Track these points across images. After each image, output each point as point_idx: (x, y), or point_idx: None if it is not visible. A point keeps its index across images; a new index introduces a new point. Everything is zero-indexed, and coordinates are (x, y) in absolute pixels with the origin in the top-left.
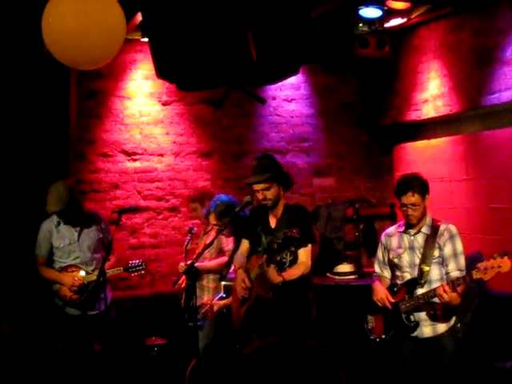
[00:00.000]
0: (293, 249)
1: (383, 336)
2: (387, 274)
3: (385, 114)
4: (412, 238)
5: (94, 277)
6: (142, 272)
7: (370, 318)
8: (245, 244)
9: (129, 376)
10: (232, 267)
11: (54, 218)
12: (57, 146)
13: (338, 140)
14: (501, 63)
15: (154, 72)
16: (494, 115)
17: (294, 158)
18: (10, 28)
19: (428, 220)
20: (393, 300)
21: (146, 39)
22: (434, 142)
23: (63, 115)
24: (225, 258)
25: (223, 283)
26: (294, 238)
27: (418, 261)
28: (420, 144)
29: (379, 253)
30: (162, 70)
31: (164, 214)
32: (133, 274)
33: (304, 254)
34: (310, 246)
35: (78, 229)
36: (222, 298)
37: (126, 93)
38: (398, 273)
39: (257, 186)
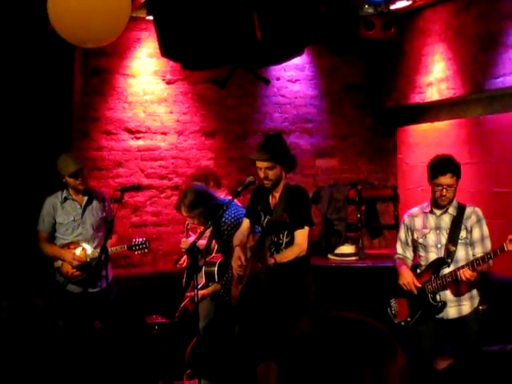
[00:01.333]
0: (282, 234)
1: (408, 319)
2: (409, 254)
3: (389, 96)
4: (438, 218)
5: (96, 254)
6: (146, 251)
7: (393, 302)
8: (245, 223)
9: (129, 354)
10: (213, 254)
11: (59, 195)
12: (60, 124)
13: (341, 121)
14: (506, 47)
15: (158, 50)
16: (498, 99)
17: (297, 139)
18: (15, 4)
19: (454, 201)
20: (419, 284)
21: (150, 17)
22: (437, 125)
23: (67, 93)
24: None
25: (204, 269)
26: (281, 223)
27: (444, 241)
28: (423, 127)
29: (401, 233)
30: (167, 49)
31: (167, 193)
32: (136, 253)
33: (300, 236)
34: (307, 228)
35: (83, 205)
36: (203, 287)
37: (130, 71)
38: (421, 253)
39: (260, 164)
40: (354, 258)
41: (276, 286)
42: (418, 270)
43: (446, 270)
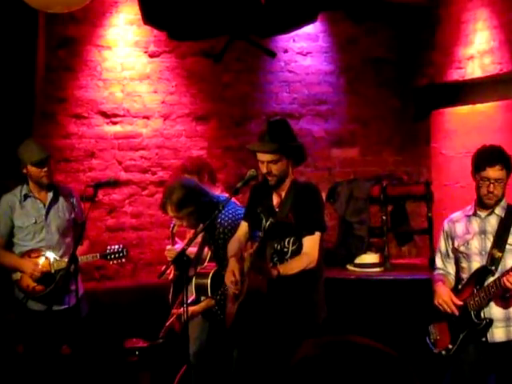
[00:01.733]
0: (287, 240)
1: (450, 346)
2: (451, 269)
3: (420, 72)
4: (483, 220)
5: (63, 264)
6: (124, 260)
7: (432, 328)
8: (243, 227)
9: None
10: (205, 263)
11: (18, 192)
12: (20, 105)
13: (362, 103)
14: None
15: (139, 16)
16: None
17: (309, 124)
18: None
19: (503, 201)
20: (460, 302)
21: None
22: (480, 107)
23: (29, 67)
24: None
25: (195, 282)
26: (285, 225)
27: (489, 247)
28: (463, 110)
29: (441, 243)
30: (150, 15)
31: (150, 190)
32: (111, 262)
33: (309, 244)
34: (318, 234)
35: (47, 205)
36: (193, 303)
37: (105, 41)
38: (463, 264)
39: (262, 156)
40: (378, 270)
41: (280, 302)
42: (460, 286)
43: (491, 280)
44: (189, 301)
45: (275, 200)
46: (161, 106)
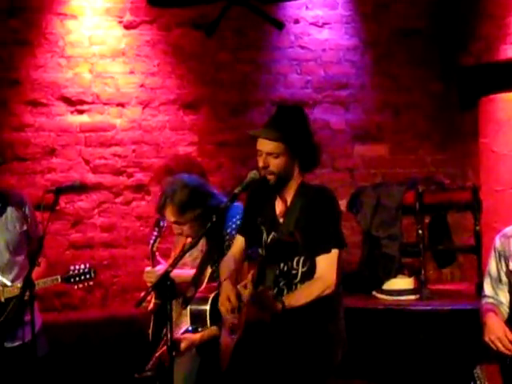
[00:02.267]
0: (296, 260)
1: None
2: (504, 297)
3: (466, 48)
4: None
5: (15, 290)
6: (91, 283)
7: (479, 371)
8: (238, 243)
9: None
10: (203, 285)
11: None
12: None
13: (393, 87)
14: None
15: None
16: None
17: (326, 114)
18: None
19: None
20: None
21: None
22: None
23: None
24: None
25: (191, 308)
26: (290, 245)
27: None
28: None
29: (492, 265)
30: None
31: (125, 196)
32: (76, 286)
33: (325, 265)
34: (335, 252)
35: None
36: (187, 332)
37: (68, 9)
38: None
39: (261, 144)
40: (412, 298)
41: (288, 338)
42: None
43: None
44: (181, 330)
45: (279, 207)
46: (139, 90)
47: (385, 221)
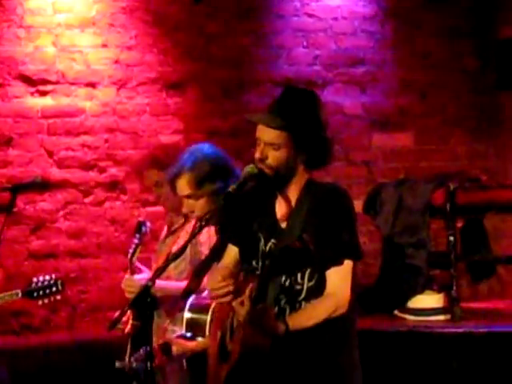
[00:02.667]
0: (301, 272)
1: None
2: None
3: (507, 19)
4: None
5: None
6: (58, 297)
7: None
8: (231, 253)
9: None
10: (205, 279)
11: None
12: None
13: (419, 64)
14: None
15: None
16: None
17: (338, 96)
18: None
19: None
20: None
21: None
22: None
23: None
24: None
25: (187, 317)
26: (296, 252)
27: None
28: None
29: None
30: None
31: (96, 196)
32: (40, 302)
33: (337, 279)
34: (349, 263)
35: None
36: (184, 338)
37: None
38: None
39: (260, 132)
40: (442, 317)
41: (291, 367)
42: None
43: None
44: (175, 335)
45: (281, 210)
46: (113, 67)
47: (409, 225)
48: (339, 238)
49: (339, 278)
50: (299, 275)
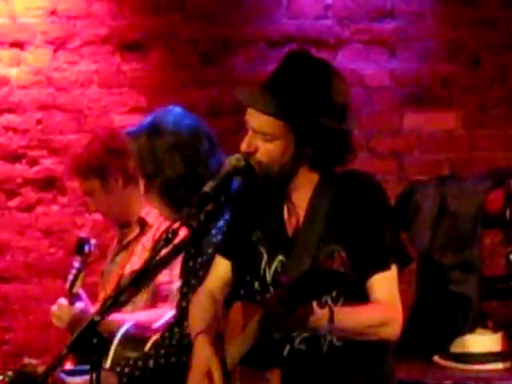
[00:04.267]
0: (328, 296)
1: None
2: None
3: None
4: None
5: None
6: None
7: None
8: (220, 270)
9: None
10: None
11: None
12: None
13: (469, 18)
14: None
15: None
16: None
17: (357, 62)
18: None
19: None
20: None
21: None
22: None
23: None
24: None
25: (115, 350)
26: (332, 274)
27: None
28: None
29: None
30: None
31: (24, 197)
32: None
33: (385, 287)
34: (395, 270)
35: None
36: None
37: None
38: None
39: (250, 115)
40: (500, 366)
41: None
42: None
43: None
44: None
45: (291, 215)
46: (48, 20)
47: (455, 239)
48: (381, 239)
49: (387, 287)
50: (322, 301)
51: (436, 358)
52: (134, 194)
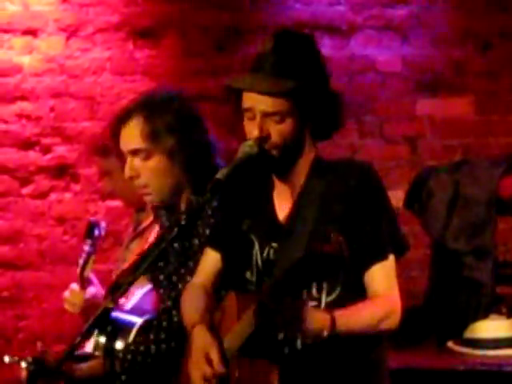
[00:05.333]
0: (319, 284)
1: None
2: None
3: None
4: None
5: None
6: None
7: None
8: (210, 261)
9: None
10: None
11: None
12: None
13: (483, 3)
14: None
15: None
16: None
17: (370, 48)
18: None
19: None
20: None
21: None
22: None
23: None
24: None
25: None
26: (330, 258)
27: None
28: None
29: None
30: None
31: (38, 185)
32: None
33: (383, 278)
34: (392, 259)
35: None
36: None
37: None
38: None
39: (254, 100)
40: None
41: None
42: None
43: None
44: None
45: (280, 203)
46: (60, 8)
47: (469, 224)
48: (378, 228)
49: (386, 278)
50: (314, 288)
51: (450, 344)
52: None
